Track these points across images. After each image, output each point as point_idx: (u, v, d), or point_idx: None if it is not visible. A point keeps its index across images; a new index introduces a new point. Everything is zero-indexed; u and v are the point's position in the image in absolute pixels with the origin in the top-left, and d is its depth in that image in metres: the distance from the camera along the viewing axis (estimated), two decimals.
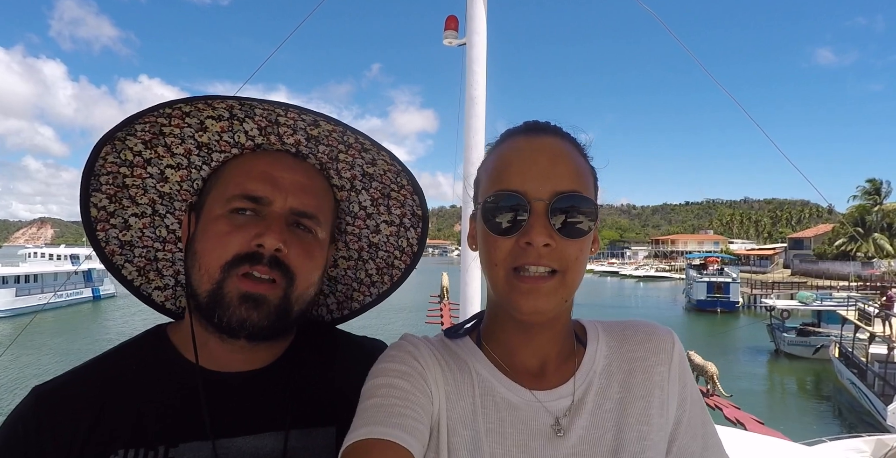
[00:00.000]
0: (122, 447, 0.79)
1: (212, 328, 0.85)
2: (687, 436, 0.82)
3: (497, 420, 0.77)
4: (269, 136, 0.91)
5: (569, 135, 0.82)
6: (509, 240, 0.75)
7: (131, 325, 27.54)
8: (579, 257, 0.75)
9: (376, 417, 0.70)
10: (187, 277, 0.88)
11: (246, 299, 0.82)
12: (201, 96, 0.83)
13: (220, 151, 0.91)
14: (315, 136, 0.92)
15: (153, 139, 0.90)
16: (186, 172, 0.94)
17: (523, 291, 0.73)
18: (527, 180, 0.75)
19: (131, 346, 0.91)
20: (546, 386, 0.81)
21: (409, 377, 0.77)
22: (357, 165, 0.98)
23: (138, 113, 0.84)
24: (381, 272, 1.12)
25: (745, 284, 46.54)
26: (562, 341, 0.84)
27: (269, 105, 0.84)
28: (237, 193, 0.85)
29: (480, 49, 3.69)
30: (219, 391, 0.86)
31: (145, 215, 0.96)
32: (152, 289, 1.02)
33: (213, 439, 0.82)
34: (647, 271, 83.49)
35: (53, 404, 0.81)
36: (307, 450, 0.87)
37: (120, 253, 0.98)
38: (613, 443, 0.77)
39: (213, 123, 0.89)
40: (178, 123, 0.88)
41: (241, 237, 0.83)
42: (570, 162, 0.77)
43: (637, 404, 0.80)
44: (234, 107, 0.86)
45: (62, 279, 37.62)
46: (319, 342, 1.01)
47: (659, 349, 0.85)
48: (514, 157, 0.78)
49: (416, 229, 1.08)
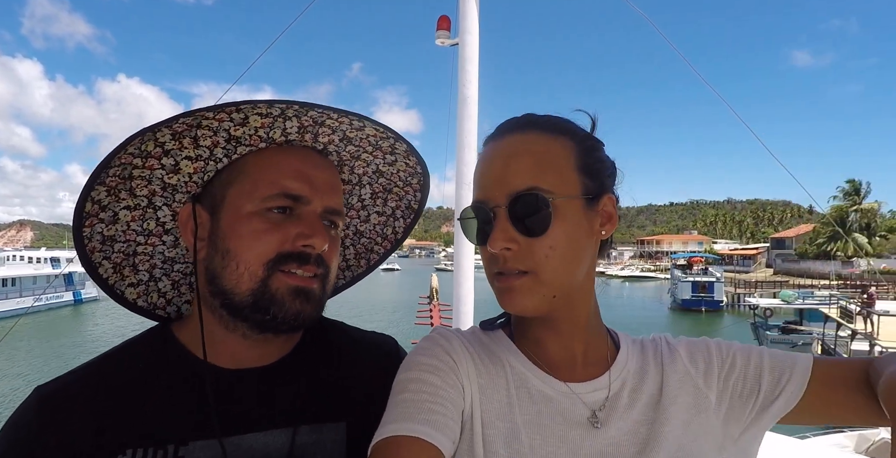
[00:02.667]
0: (130, 447, 0.78)
1: (244, 325, 0.84)
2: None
3: (534, 412, 0.77)
4: (305, 134, 0.89)
5: (536, 123, 0.79)
6: (486, 248, 0.78)
7: (115, 329, 27.07)
8: (550, 255, 0.74)
9: (406, 413, 0.70)
10: (212, 276, 0.85)
11: (299, 294, 0.83)
12: (271, 100, 0.80)
13: (248, 144, 0.88)
14: (350, 137, 0.92)
15: (185, 131, 0.85)
16: (203, 164, 0.90)
17: (502, 290, 0.76)
18: (486, 189, 0.77)
19: (136, 344, 0.89)
20: (580, 379, 0.81)
21: (440, 372, 0.77)
22: (374, 163, 0.98)
23: (195, 110, 0.80)
24: (359, 257, 1.13)
25: (729, 283, 47.17)
26: (591, 336, 0.84)
27: (329, 110, 0.84)
28: (276, 192, 0.84)
29: (473, 49, 3.69)
30: (229, 387, 0.85)
31: (139, 208, 0.92)
32: (126, 286, 0.97)
33: (220, 437, 0.80)
34: (633, 271, 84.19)
35: (58, 404, 0.79)
36: (317, 445, 0.87)
37: (100, 249, 0.93)
38: (649, 436, 0.76)
39: (258, 119, 0.85)
40: (222, 116, 0.84)
41: (280, 235, 0.83)
42: (525, 157, 0.75)
43: (673, 403, 0.79)
44: (291, 108, 0.83)
45: (42, 283, 36.87)
46: (327, 337, 1.00)
47: (677, 358, 0.85)
48: (479, 166, 0.81)
49: (405, 220, 1.08)
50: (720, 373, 0.82)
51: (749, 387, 0.81)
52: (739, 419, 0.80)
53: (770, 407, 0.79)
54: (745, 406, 0.80)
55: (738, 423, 0.80)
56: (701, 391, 0.81)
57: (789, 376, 0.79)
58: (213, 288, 0.85)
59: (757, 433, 0.81)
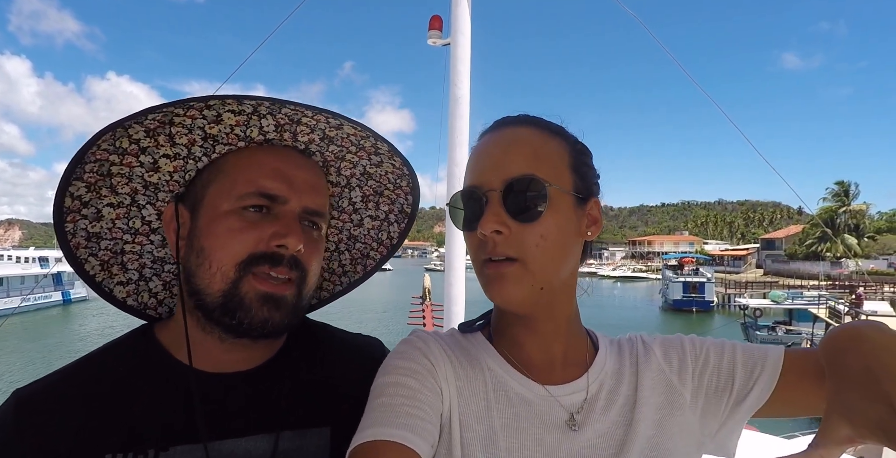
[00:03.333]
0: (110, 452, 0.76)
1: (216, 327, 0.83)
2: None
3: (512, 415, 0.77)
4: (283, 133, 0.88)
5: (534, 121, 0.82)
6: (474, 234, 0.77)
7: (103, 329, 26.83)
8: (540, 244, 0.74)
9: (383, 417, 0.69)
10: (188, 275, 0.84)
11: (267, 300, 0.81)
12: (237, 95, 0.79)
13: (226, 143, 0.88)
14: (331, 136, 0.90)
15: (158, 127, 0.85)
16: (182, 163, 0.89)
17: (491, 278, 0.75)
18: (481, 174, 0.77)
19: (117, 347, 0.87)
20: (557, 381, 0.81)
21: (418, 375, 0.76)
22: (360, 165, 0.97)
23: (161, 105, 0.80)
24: (355, 263, 1.11)
25: (719, 284, 47.48)
26: (569, 337, 0.84)
27: (302, 107, 0.82)
28: (251, 191, 0.83)
29: (465, 49, 3.69)
30: (210, 391, 0.84)
31: (122, 206, 0.91)
32: (114, 284, 0.97)
33: (205, 442, 0.79)
34: (625, 271, 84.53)
35: (36, 408, 0.77)
36: (301, 451, 0.85)
37: (86, 246, 0.92)
38: (626, 438, 0.77)
39: (231, 116, 0.85)
40: (194, 114, 0.84)
41: (255, 235, 0.81)
42: (524, 146, 0.77)
43: (647, 403, 0.80)
44: (263, 104, 0.83)
45: (30, 283, 36.47)
46: (312, 340, 0.98)
47: (651, 357, 0.85)
48: (474, 155, 0.81)
49: (399, 225, 1.07)
50: (694, 370, 0.83)
51: (723, 382, 0.81)
52: (716, 415, 0.81)
53: (744, 401, 0.79)
54: (720, 401, 0.80)
55: (715, 418, 0.81)
56: (675, 389, 0.82)
57: (761, 368, 0.79)
58: (189, 288, 0.84)
59: (734, 428, 0.81)
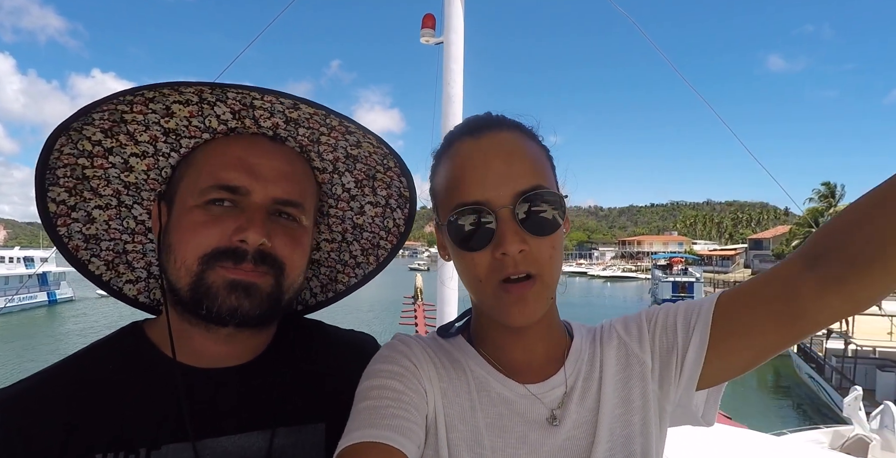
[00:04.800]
0: (100, 452, 0.75)
1: (196, 320, 0.81)
2: None
3: (495, 415, 0.77)
4: (243, 119, 0.85)
5: (516, 124, 0.80)
6: (484, 253, 0.73)
7: (89, 329, 26.50)
8: (553, 255, 0.74)
9: (370, 419, 0.70)
10: (163, 270, 0.83)
11: (235, 288, 0.79)
12: (167, 83, 0.77)
13: (190, 136, 0.86)
14: (294, 118, 0.86)
15: (113, 127, 0.84)
16: (153, 161, 0.88)
17: (511, 301, 0.73)
18: (486, 189, 0.72)
19: (106, 344, 0.86)
20: (538, 379, 0.81)
21: (402, 377, 0.76)
22: (340, 147, 0.94)
23: (95, 102, 0.77)
24: (367, 253, 1.09)
25: (708, 283, 48.02)
26: (550, 336, 0.84)
27: (244, 89, 0.78)
28: (212, 184, 0.80)
29: (458, 47, 3.69)
30: (203, 388, 0.82)
31: (110, 207, 0.91)
32: (123, 283, 0.97)
33: (193, 440, 0.78)
34: (615, 271, 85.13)
35: (21, 410, 0.75)
36: (296, 448, 0.84)
37: (85, 248, 0.92)
38: (596, 421, 0.77)
39: (180, 107, 0.83)
40: (142, 109, 0.82)
41: (218, 229, 0.79)
42: (525, 156, 0.75)
43: (612, 381, 0.81)
44: (205, 91, 0.80)
45: (14, 283, 35.93)
46: (305, 336, 0.97)
47: (613, 332, 0.86)
48: (465, 165, 0.75)
49: (402, 210, 1.05)
50: (651, 334, 0.83)
51: (670, 339, 0.80)
52: (670, 377, 0.80)
53: (687, 354, 0.77)
54: (671, 361, 0.79)
55: (671, 381, 0.80)
56: (637, 357, 0.82)
57: (697, 314, 0.78)
58: (166, 283, 0.83)
59: (689, 388, 0.78)
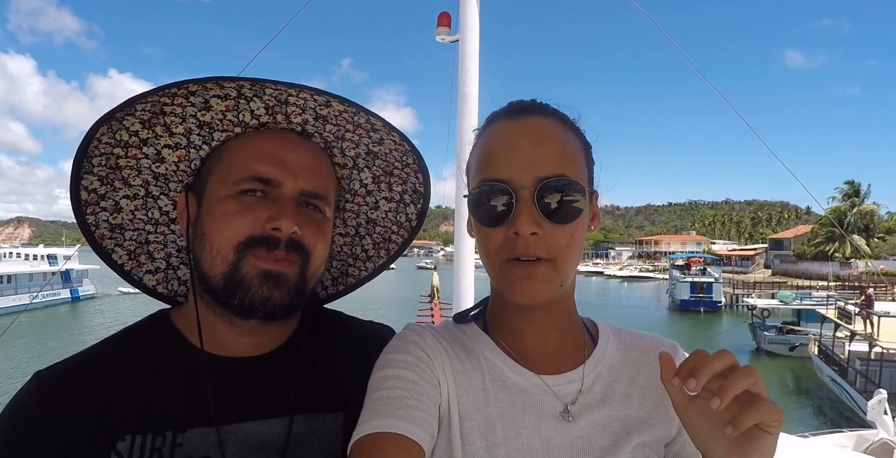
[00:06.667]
0: (129, 433, 0.78)
1: (224, 310, 0.84)
2: (689, 443, 0.81)
3: (509, 404, 0.77)
4: (275, 115, 0.89)
5: (555, 112, 0.81)
6: (499, 231, 0.75)
7: (112, 324, 26.99)
8: (570, 244, 0.74)
9: (384, 410, 0.70)
10: (195, 260, 0.86)
11: (267, 278, 0.82)
12: (212, 77, 0.81)
13: (223, 130, 0.89)
14: (324, 115, 0.90)
15: (152, 118, 0.87)
16: (185, 152, 0.91)
17: (518, 277, 0.74)
18: (511, 168, 0.74)
19: (135, 331, 0.90)
20: (553, 371, 0.81)
21: (415, 367, 0.77)
22: (363, 143, 0.97)
23: (144, 92, 0.81)
24: (378, 247, 1.12)
25: (727, 284, 47.33)
26: (566, 329, 0.85)
27: (283, 86, 0.82)
28: (245, 175, 0.84)
29: (474, 45, 3.68)
30: (226, 376, 0.85)
31: (138, 197, 0.94)
32: (143, 273, 1.00)
33: (216, 425, 0.81)
34: (631, 271, 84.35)
35: (58, 389, 0.79)
36: (314, 435, 0.87)
37: (110, 237, 0.95)
38: (621, 432, 0.77)
39: (218, 101, 0.86)
40: (182, 101, 0.86)
41: (252, 218, 0.82)
42: (555, 143, 0.76)
43: (643, 402, 0.81)
44: (244, 86, 0.84)
45: (39, 280, 36.79)
46: (325, 327, 1.00)
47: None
48: (497, 143, 0.77)
49: (416, 205, 1.07)
50: None
51: None
52: None
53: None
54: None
55: None
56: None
57: None
58: (197, 272, 0.86)
59: None
